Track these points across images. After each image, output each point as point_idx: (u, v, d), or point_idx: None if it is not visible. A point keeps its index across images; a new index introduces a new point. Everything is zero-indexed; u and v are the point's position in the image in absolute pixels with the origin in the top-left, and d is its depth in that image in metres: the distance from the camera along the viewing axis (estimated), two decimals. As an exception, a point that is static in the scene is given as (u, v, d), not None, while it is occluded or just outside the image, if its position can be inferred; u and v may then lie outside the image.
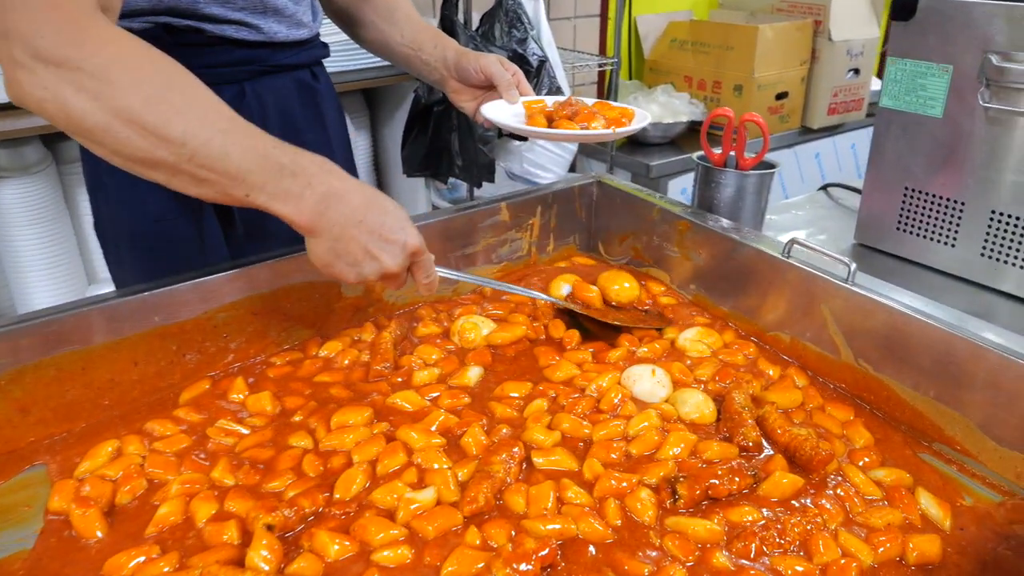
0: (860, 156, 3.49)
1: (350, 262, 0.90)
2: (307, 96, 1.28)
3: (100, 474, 0.87)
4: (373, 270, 0.91)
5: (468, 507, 0.79)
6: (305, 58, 1.27)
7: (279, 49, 1.21)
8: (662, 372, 1.01)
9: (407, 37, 1.31)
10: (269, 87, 1.21)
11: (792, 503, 0.83)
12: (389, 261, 0.90)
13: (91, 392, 0.97)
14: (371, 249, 0.89)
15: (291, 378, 1.05)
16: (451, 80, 1.29)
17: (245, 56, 1.16)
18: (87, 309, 0.95)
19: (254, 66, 1.18)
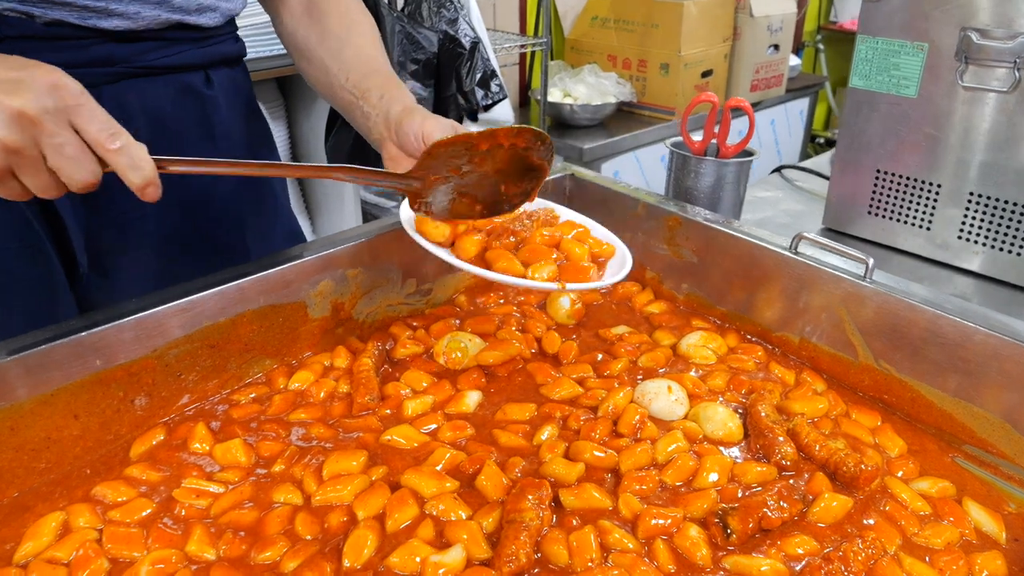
0: (779, 132, 3.55)
1: None
2: (192, 106, 1.05)
3: (48, 557, 0.72)
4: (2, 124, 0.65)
5: (507, 567, 0.69)
6: (194, 58, 1.03)
7: (156, 44, 0.98)
8: (679, 388, 0.93)
9: (352, 80, 1.05)
10: (137, 93, 0.98)
11: (845, 527, 0.77)
12: (12, 99, 0.65)
13: (23, 455, 0.80)
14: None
15: (261, 419, 0.91)
16: (389, 143, 0.99)
17: (102, 54, 0.93)
18: (10, 359, 0.78)
19: (116, 67, 0.95)
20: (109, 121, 0.71)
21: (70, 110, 0.69)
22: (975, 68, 1.22)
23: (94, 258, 1.03)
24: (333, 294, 1.02)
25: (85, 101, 0.70)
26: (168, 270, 1.06)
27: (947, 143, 1.29)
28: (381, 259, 1.06)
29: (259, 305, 0.95)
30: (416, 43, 2.06)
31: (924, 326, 0.90)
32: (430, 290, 1.15)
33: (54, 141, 0.68)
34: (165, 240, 1.07)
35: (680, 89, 2.92)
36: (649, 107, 3.02)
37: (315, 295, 1.00)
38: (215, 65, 1.09)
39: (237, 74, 1.15)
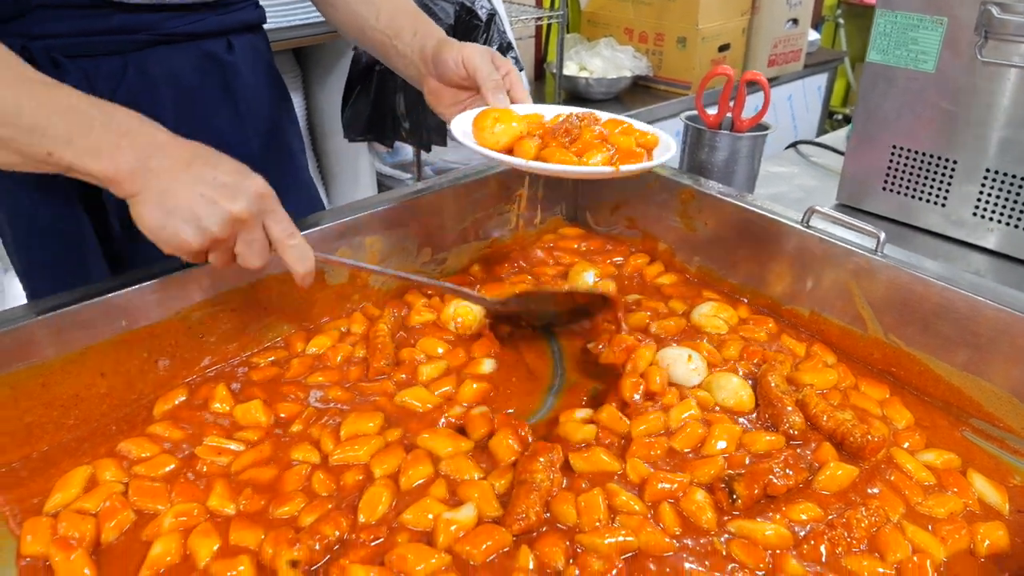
0: (796, 108, 3.51)
1: (186, 217, 0.75)
2: (214, 72, 1.07)
3: (77, 508, 0.75)
4: (217, 218, 0.76)
5: (517, 524, 0.71)
6: (216, 25, 1.05)
7: (177, 13, 1.00)
8: (698, 357, 0.94)
9: (383, 20, 1.08)
10: (161, 61, 1.01)
11: (850, 496, 0.79)
12: (232, 204, 0.76)
13: (53, 411, 0.83)
14: (207, 193, 0.75)
15: (279, 381, 0.93)
16: (429, 77, 1.05)
17: (127, 23, 0.96)
18: (42, 318, 0.81)
19: (140, 34, 0.97)
20: (290, 223, 0.83)
21: (266, 214, 0.80)
22: (995, 42, 1.21)
23: (126, 220, 1.04)
24: (350, 261, 1.04)
25: (276, 207, 0.81)
26: None
27: (964, 119, 1.28)
28: (397, 228, 1.08)
29: (278, 271, 0.97)
30: (432, 14, 2.05)
31: (934, 300, 0.91)
32: (445, 259, 1.16)
33: (249, 237, 0.80)
34: None
35: (697, 63, 2.89)
36: (665, 81, 3.00)
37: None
38: (236, 32, 1.10)
39: (258, 40, 1.16)
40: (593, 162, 0.92)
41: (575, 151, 0.93)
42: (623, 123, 1.02)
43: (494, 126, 0.93)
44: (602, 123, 1.02)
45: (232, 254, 0.81)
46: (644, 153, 0.96)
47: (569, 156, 0.92)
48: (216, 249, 0.79)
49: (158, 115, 0.99)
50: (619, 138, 0.97)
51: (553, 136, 0.96)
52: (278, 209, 0.81)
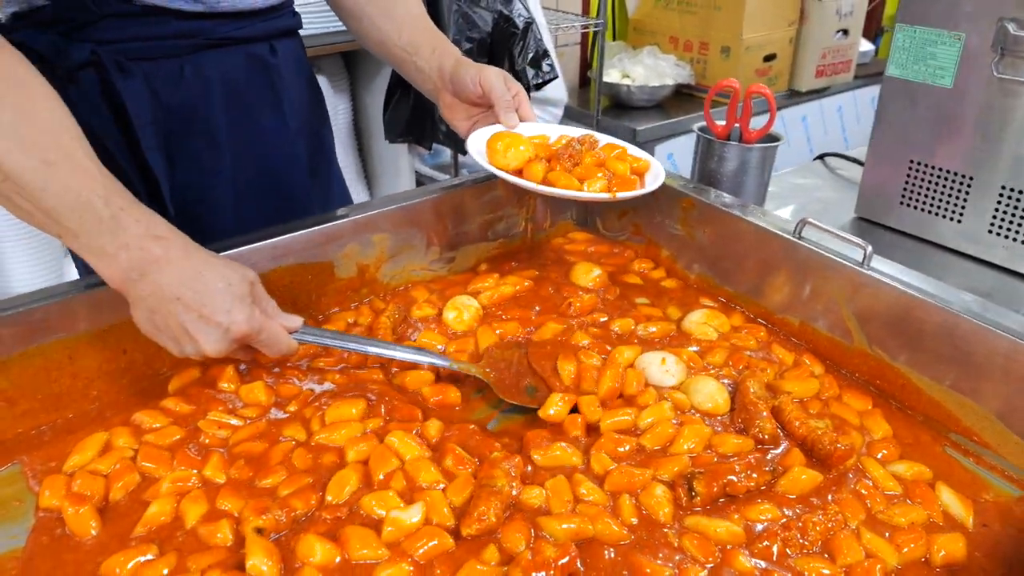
0: (847, 120, 3.46)
1: (170, 337, 0.85)
2: (260, 74, 1.16)
3: (91, 469, 0.83)
4: (194, 351, 0.85)
5: (478, 524, 0.74)
6: (261, 30, 1.14)
7: (227, 20, 1.09)
8: (673, 360, 0.97)
9: (405, 38, 1.18)
10: (214, 63, 1.10)
11: (811, 500, 0.81)
12: (207, 346, 0.84)
13: (79, 382, 0.92)
14: (189, 329, 0.83)
15: (286, 365, 1.00)
16: (445, 92, 1.15)
17: (183, 28, 1.05)
18: (74, 295, 0.90)
19: (196, 39, 1.07)
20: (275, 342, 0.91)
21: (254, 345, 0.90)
22: (1011, 59, 1.20)
23: (180, 208, 1.14)
24: (359, 256, 1.11)
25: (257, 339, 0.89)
26: (242, 220, 1.18)
27: (980, 135, 1.28)
28: (406, 227, 1.14)
29: (289, 263, 1.04)
30: (471, 22, 2.12)
31: (915, 314, 0.92)
32: (453, 258, 1.22)
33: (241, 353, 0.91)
34: (239, 194, 1.19)
35: (741, 73, 2.88)
36: (707, 89, 3.00)
37: (342, 256, 1.09)
38: (278, 36, 1.19)
39: (296, 45, 1.26)
40: (593, 188, 1.03)
41: (577, 175, 1.04)
42: (619, 147, 1.11)
43: (506, 151, 1.03)
44: (600, 147, 1.10)
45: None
46: (637, 180, 1.07)
47: (573, 181, 1.03)
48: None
49: (212, 115, 1.12)
50: (615, 163, 1.07)
51: (558, 159, 1.06)
52: (263, 338, 0.89)
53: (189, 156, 1.12)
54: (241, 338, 0.86)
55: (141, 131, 1.05)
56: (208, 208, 1.16)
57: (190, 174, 1.13)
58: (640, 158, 1.12)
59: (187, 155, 1.12)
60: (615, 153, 1.11)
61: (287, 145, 1.22)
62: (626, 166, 1.08)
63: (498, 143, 1.04)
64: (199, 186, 1.15)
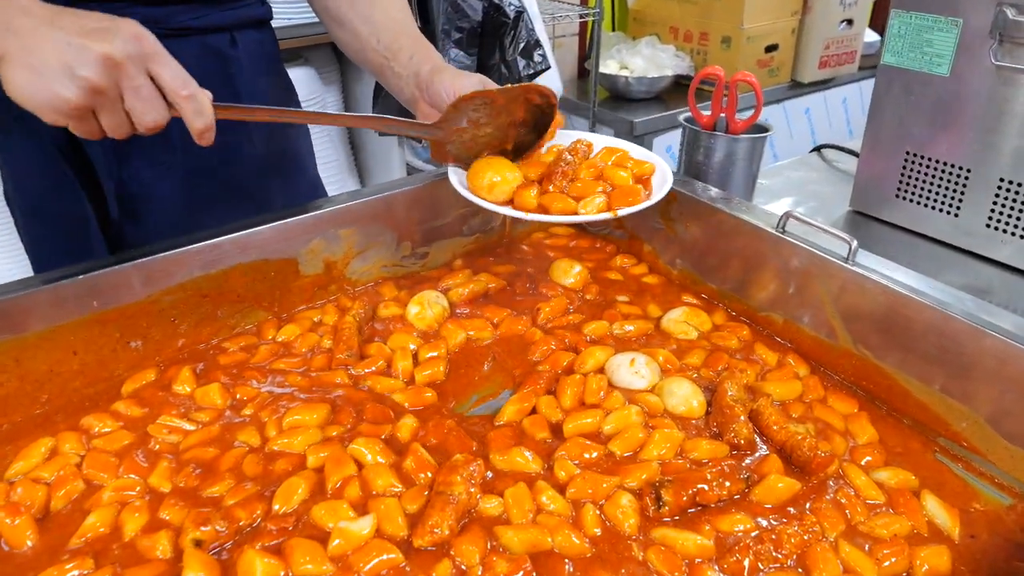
0: (851, 112, 3.39)
1: (56, 69, 0.72)
2: (215, 65, 1.09)
3: (34, 476, 0.79)
4: (90, 62, 0.72)
5: (429, 536, 0.70)
6: (221, 20, 1.07)
7: (182, 7, 1.02)
8: (643, 361, 0.93)
9: (383, 42, 1.10)
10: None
11: (788, 510, 0.77)
12: (104, 46, 0.72)
13: (27, 385, 0.88)
14: (75, 41, 0.72)
15: (245, 366, 0.96)
16: (422, 102, 1.06)
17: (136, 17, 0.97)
18: (18, 295, 0.86)
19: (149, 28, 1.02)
20: (181, 70, 0.78)
21: (149, 58, 0.76)
22: (1010, 45, 1.15)
23: (125, 204, 1.10)
24: (325, 252, 1.07)
25: (160, 50, 0.77)
26: (196, 217, 1.12)
27: (978, 125, 1.22)
28: (375, 222, 1.10)
29: (251, 259, 1.00)
30: (461, 11, 2.07)
31: (902, 312, 0.87)
32: (427, 253, 1.18)
33: (133, 84, 0.75)
34: (192, 189, 1.13)
35: (742, 64, 2.82)
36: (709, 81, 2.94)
37: (307, 252, 1.05)
38: (241, 27, 1.13)
39: (264, 37, 1.20)
40: (591, 209, 0.95)
41: (574, 192, 0.97)
42: (618, 151, 1.04)
43: (491, 184, 0.97)
44: (597, 153, 1.03)
45: (124, 114, 0.78)
46: (640, 189, 0.99)
47: (568, 203, 0.96)
48: (103, 108, 0.76)
49: None
50: (614, 173, 1.00)
51: (550, 178, 0.98)
52: (163, 53, 0.77)
53: (136, 150, 1.06)
54: (137, 35, 0.75)
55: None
56: (157, 208, 1.11)
57: (138, 169, 1.07)
58: (643, 161, 1.04)
59: (134, 149, 1.05)
60: (614, 159, 1.04)
61: (243, 146, 1.16)
62: (627, 174, 1.00)
63: (481, 177, 0.97)
64: (148, 183, 1.09)
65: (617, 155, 1.06)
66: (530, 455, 0.81)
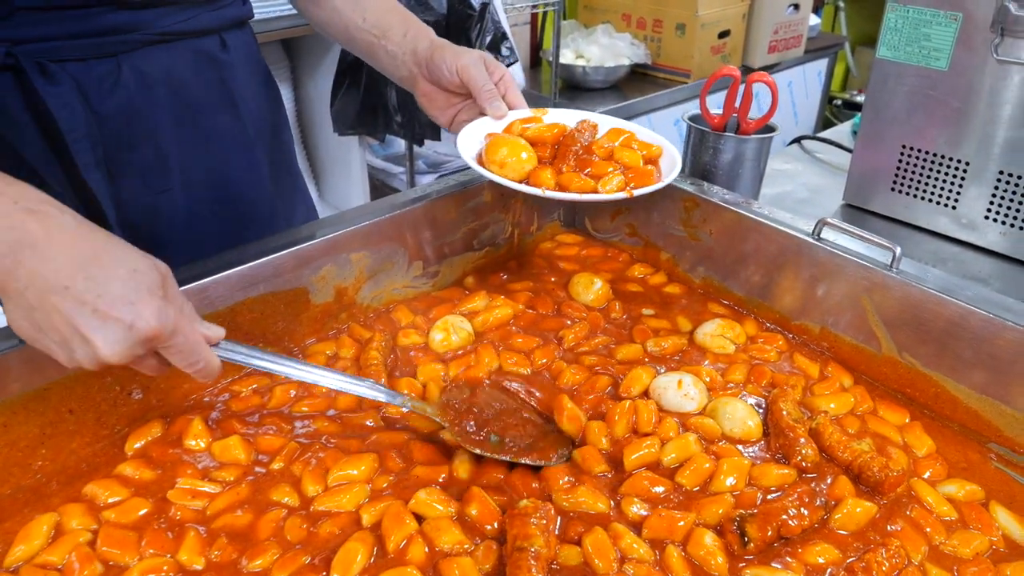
0: (796, 95, 3.45)
1: (57, 340, 0.65)
2: (211, 72, 1.03)
3: (40, 561, 0.70)
4: (86, 357, 0.65)
5: None
6: (209, 22, 1.01)
7: (169, 9, 0.95)
8: (690, 382, 0.89)
9: (370, 20, 1.05)
10: (155, 61, 0.96)
11: (868, 535, 0.74)
12: (105, 348, 0.64)
13: (17, 452, 0.78)
14: (80, 327, 0.63)
15: (262, 412, 0.88)
16: (421, 80, 1.03)
17: (118, 22, 0.91)
18: (2, 353, 0.75)
19: (134, 35, 0.92)
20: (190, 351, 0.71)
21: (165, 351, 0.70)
22: (1012, 40, 1.15)
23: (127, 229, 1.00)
24: (336, 279, 0.99)
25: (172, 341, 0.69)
26: (199, 243, 1.05)
27: (977, 119, 1.22)
28: (386, 242, 1.02)
29: (259, 292, 0.91)
30: (425, 4, 1.98)
31: (951, 319, 0.86)
32: (437, 272, 1.11)
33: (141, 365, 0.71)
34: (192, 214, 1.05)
35: (696, 51, 2.82)
36: (664, 69, 2.93)
37: (317, 280, 0.97)
38: (228, 28, 1.05)
39: (247, 37, 1.12)
40: (608, 188, 0.94)
41: (591, 171, 0.96)
42: (625, 132, 1.01)
43: (506, 162, 0.94)
44: (604, 134, 1.00)
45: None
46: (654, 171, 0.98)
47: (587, 182, 0.95)
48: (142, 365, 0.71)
49: (156, 118, 0.98)
50: (624, 154, 0.98)
51: (563, 158, 0.96)
52: (176, 342, 0.69)
53: (132, 170, 0.98)
54: (149, 339, 0.66)
55: (75, 146, 0.91)
56: (158, 227, 1.02)
57: (135, 190, 0.99)
58: (651, 144, 1.03)
59: (129, 169, 0.98)
60: (621, 140, 1.02)
61: (245, 152, 1.08)
62: (637, 155, 0.99)
63: (496, 153, 0.94)
64: (146, 203, 1.01)
65: (624, 136, 1.04)
66: (596, 494, 0.76)
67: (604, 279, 1.10)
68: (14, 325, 0.66)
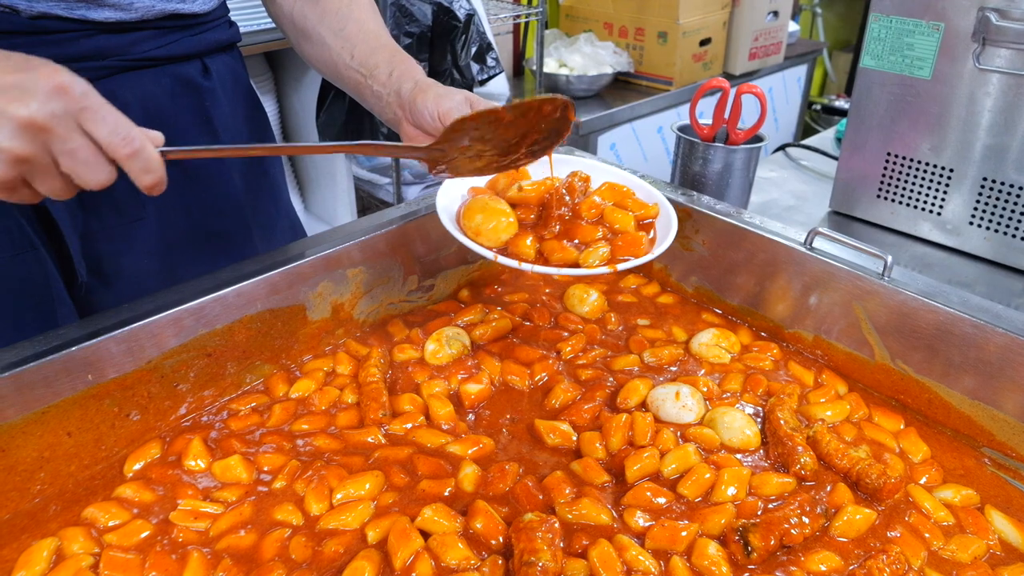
0: (776, 101, 3.49)
1: None
2: (190, 98, 1.00)
3: (41, 587, 0.69)
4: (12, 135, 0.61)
5: None
6: (190, 47, 0.98)
7: (148, 33, 0.93)
8: (688, 392, 0.89)
9: (358, 58, 1.01)
10: (131, 87, 0.93)
11: (869, 542, 0.75)
12: (21, 108, 0.61)
13: (16, 476, 0.77)
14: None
15: (261, 429, 0.88)
16: (405, 123, 0.96)
17: (93, 47, 0.89)
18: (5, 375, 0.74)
19: (109, 60, 0.90)
20: (118, 123, 0.66)
21: (78, 113, 0.64)
22: (992, 49, 1.17)
23: (93, 264, 0.98)
24: (333, 295, 0.99)
25: (92, 102, 0.64)
26: (172, 271, 1.03)
27: (961, 127, 1.25)
28: (381, 258, 1.02)
29: (257, 310, 0.91)
30: (409, 15, 1.99)
31: (940, 326, 0.88)
32: (432, 286, 1.11)
33: (66, 147, 0.64)
34: (168, 243, 1.03)
35: (678, 58, 2.85)
36: (647, 77, 2.95)
37: (314, 297, 0.97)
38: (211, 53, 1.03)
39: (233, 61, 1.10)
40: (591, 262, 0.89)
41: (574, 238, 0.91)
42: (620, 188, 0.97)
43: (484, 229, 0.90)
44: (597, 188, 0.97)
45: (62, 177, 0.66)
46: (643, 238, 0.93)
47: (569, 253, 0.90)
48: (35, 176, 0.65)
49: None
50: (617, 216, 0.93)
51: (547, 223, 0.92)
52: (94, 104, 0.64)
53: (106, 198, 0.94)
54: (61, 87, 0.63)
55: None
56: (130, 262, 1.00)
57: (105, 220, 0.97)
58: (647, 204, 0.97)
59: (100, 199, 0.94)
60: (615, 200, 0.96)
61: (223, 183, 1.06)
62: (629, 218, 0.93)
63: (472, 220, 0.91)
64: (118, 235, 0.99)
65: (619, 193, 0.98)
66: (599, 506, 0.76)
67: (599, 290, 1.11)
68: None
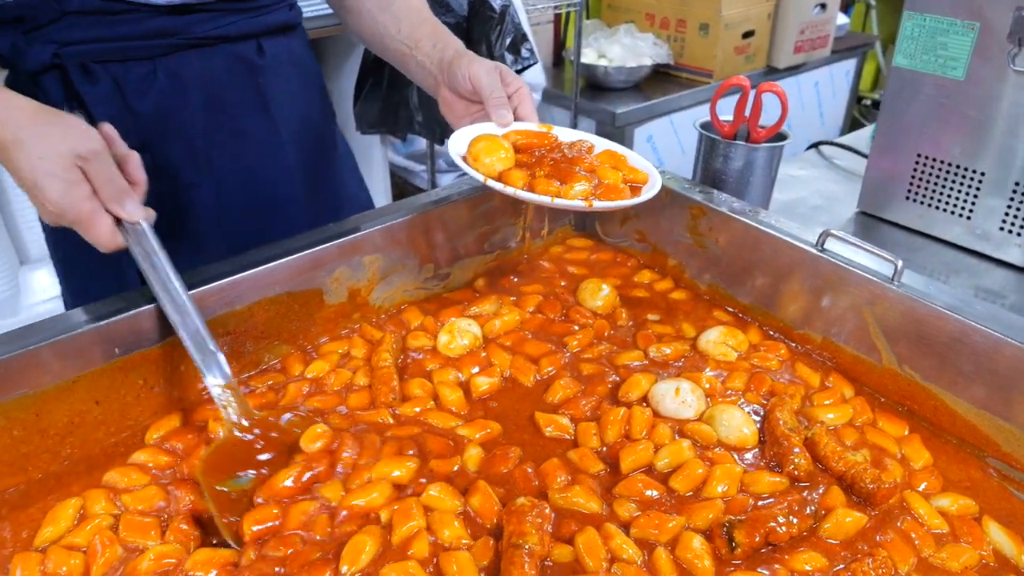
0: (823, 96, 3.42)
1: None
2: (245, 76, 1.07)
3: (67, 543, 0.74)
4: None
5: None
6: (246, 28, 1.05)
7: (206, 15, 1.00)
8: (688, 389, 0.91)
9: (404, 31, 1.10)
10: (190, 64, 1.01)
11: (857, 545, 0.76)
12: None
13: (48, 440, 0.83)
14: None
15: (275, 407, 0.92)
16: (442, 87, 1.06)
17: (157, 27, 0.96)
18: (36, 347, 0.79)
19: (171, 39, 0.98)
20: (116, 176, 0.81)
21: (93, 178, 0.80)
22: (1029, 51, 1.15)
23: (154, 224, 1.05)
24: (350, 280, 1.02)
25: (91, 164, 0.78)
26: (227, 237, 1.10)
27: (994, 129, 1.22)
28: (398, 246, 1.05)
29: (276, 293, 0.95)
30: (446, 6, 2.01)
31: (951, 334, 0.87)
32: (448, 274, 1.14)
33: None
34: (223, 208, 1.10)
35: (720, 51, 2.82)
36: (687, 69, 2.93)
37: (331, 282, 1.00)
38: (269, 34, 1.10)
39: (293, 42, 1.16)
40: (572, 194, 0.92)
41: (562, 178, 0.94)
42: (618, 155, 1.01)
43: (484, 156, 0.94)
44: (596, 154, 1.00)
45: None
46: (625, 190, 0.96)
47: (552, 187, 0.93)
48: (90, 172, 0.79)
49: (188, 118, 1.03)
50: (606, 172, 0.97)
51: (541, 164, 0.96)
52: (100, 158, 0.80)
53: (164, 166, 1.03)
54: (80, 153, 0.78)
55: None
56: (187, 225, 1.08)
57: (165, 185, 1.04)
58: (639, 170, 1.01)
59: (162, 165, 1.02)
60: (611, 161, 1.01)
61: (277, 155, 1.13)
62: (618, 176, 0.97)
63: (474, 147, 0.95)
64: (176, 200, 1.06)
65: (614, 157, 1.02)
66: (590, 495, 0.78)
67: (612, 284, 1.12)
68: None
